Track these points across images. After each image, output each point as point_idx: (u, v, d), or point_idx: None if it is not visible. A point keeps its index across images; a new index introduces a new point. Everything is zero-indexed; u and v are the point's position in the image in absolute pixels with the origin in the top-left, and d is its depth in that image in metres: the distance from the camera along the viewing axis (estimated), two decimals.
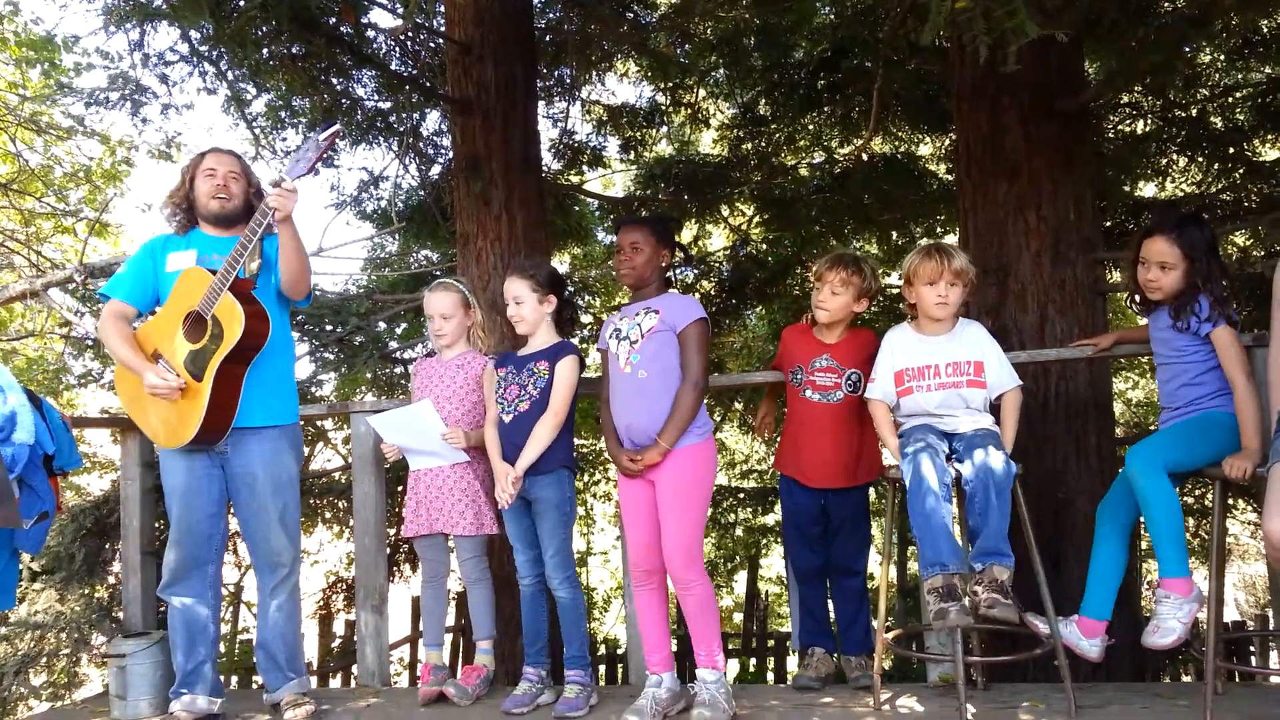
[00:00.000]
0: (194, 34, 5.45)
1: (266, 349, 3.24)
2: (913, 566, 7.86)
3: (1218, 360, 2.97)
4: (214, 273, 3.13)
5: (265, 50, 5.18)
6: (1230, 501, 6.70)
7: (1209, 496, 6.84)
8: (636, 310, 3.28)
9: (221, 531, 3.41)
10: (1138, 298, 3.26)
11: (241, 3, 4.65)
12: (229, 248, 3.20)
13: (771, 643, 8.09)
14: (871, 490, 3.74)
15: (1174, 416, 3.09)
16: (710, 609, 3.18)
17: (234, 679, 6.90)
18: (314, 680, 6.67)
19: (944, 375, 3.13)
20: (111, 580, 5.35)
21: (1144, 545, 7.91)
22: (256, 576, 3.45)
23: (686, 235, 8.95)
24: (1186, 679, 6.83)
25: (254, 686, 6.24)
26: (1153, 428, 8.91)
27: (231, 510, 3.54)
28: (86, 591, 5.33)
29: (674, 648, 7.45)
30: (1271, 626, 3.57)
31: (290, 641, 3.44)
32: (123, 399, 3.39)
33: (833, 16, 7.11)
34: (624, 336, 3.25)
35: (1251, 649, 6.73)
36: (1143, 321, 3.48)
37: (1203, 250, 3.01)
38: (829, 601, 3.59)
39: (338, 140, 3.04)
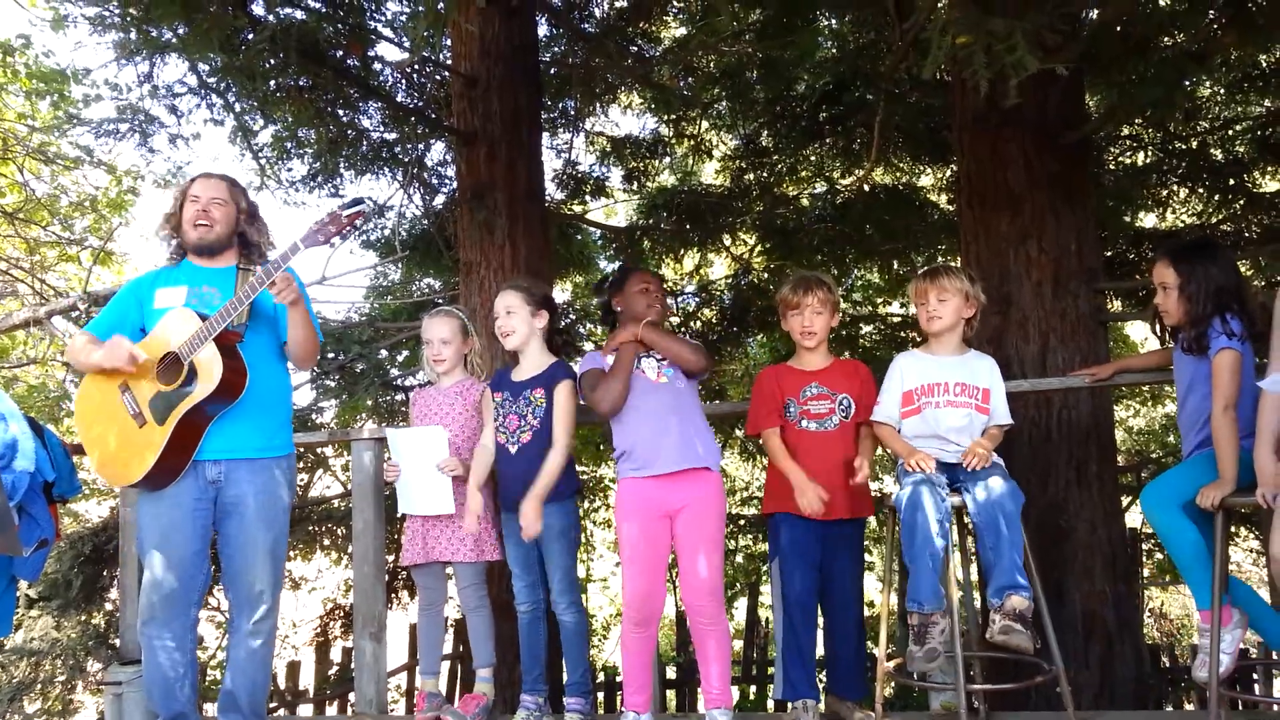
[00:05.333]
0: (203, 66, 5.51)
1: (263, 382, 3.12)
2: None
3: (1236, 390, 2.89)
4: (203, 318, 2.98)
5: (273, 82, 5.24)
6: (1232, 529, 6.67)
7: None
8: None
9: (206, 572, 3.16)
10: (1158, 326, 3.26)
11: (250, 36, 4.71)
12: (217, 279, 3.11)
13: (771, 670, 8.01)
14: (872, 518, 3.65)
15: (1191, 449, 3.07)
16: (728, 646, 3.17)
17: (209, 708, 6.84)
18: (310, 708, 6.62)
19: (953, 393, 3.13)
20: (109, 607, 5.34)
21: (1145, 574, 7.90)
22: (232, 613, 3.19)
23: (688, 264, 9.01)
24: (1189, 707, 6.77)
25: None
26: (1154, 455, 8.92)
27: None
28: (83, 618, 5.32)
29: (672, 675, 7.38)
30: (1275, 655, 3.55)
31: (258, 684, 3.19)
32: (80, 426, 3.21)
33: (835, 50, 7.19)
34: (645, 353, 3.29)
35: (1255, 677, 6.67)
36: (1145, 349, 3.49)
37: (1205, 274, 2.98)
38: (813, 640, 3.37)
39: (359, 220, 2.92)
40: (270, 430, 3.19)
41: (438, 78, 6.90)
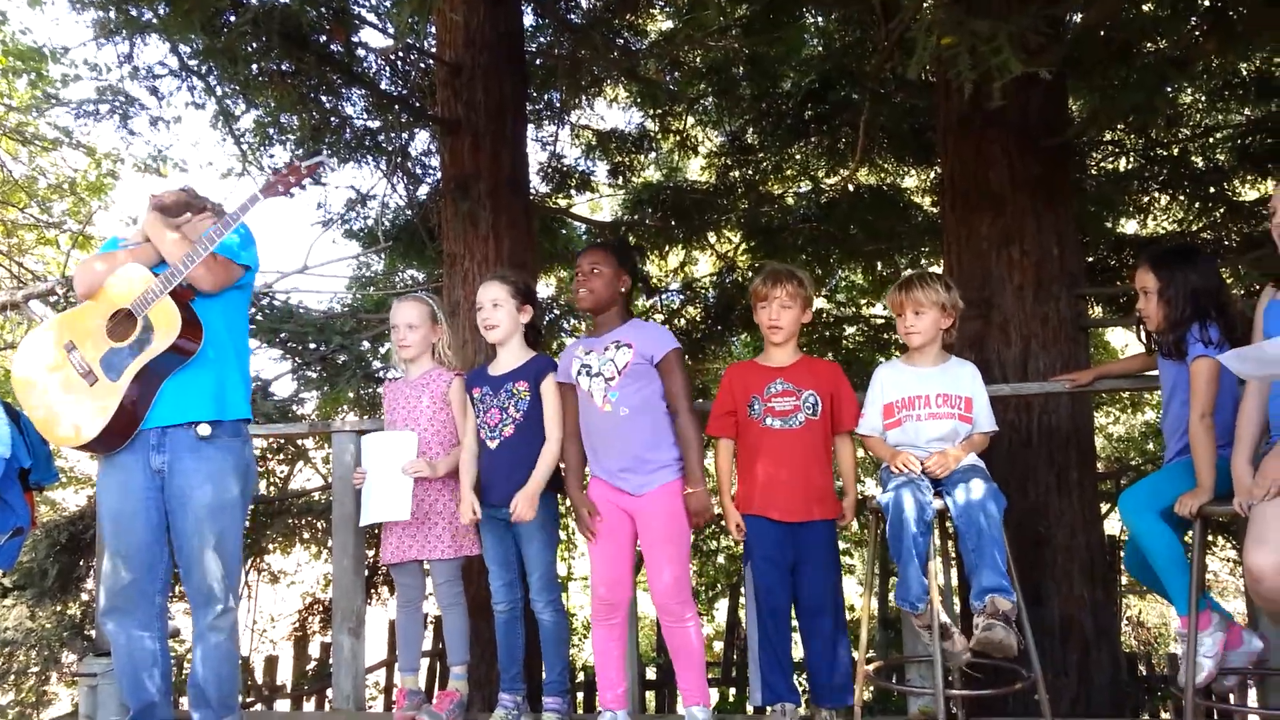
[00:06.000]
0: (184, 48, 5.45)
1: (212, 353, 3.01)
2: (893, 599, 7.86)
3: (1219, 397, 2.90)
4: (157, 276, 2.91)
5: (255, 66, 5.19)
6: (1210, 538, 6.73)
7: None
8: (605, 344, 3.19)
9: (166, 560, 3.03)
10: (1142, 331, 3.28)
11: (232, 18, 4.65)
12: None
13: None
14: (856, 522, 3.60)
15: (1172, 455, 3.09)
16: (699, 643, 3.15)
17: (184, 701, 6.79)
18: (288, 703, 6.58)
19: (934, 405, 3.13)
20: (84, 597, 5.28)
21: (1123, 581, 7.96)
22: (191, 609, 3.08)
23: (673, 261, 8.99)
24: (1165, 716, 6.83)
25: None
26: (1134, 463, 8.99)
27: None
28: (59, 609, 5.26)
29: (652, 676, 7.39)
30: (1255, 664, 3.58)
31: (225, 677, 3.08)
32: (21, 388, 3.05)
33: (821, 48, 7.19)
34: (596, 373, 3.16)
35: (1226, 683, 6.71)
36: (1125, 356, 3.50)
37: (1184, 280, 3.00)
38: (787, 645, 3.31)
39: (317, 171, 2.86)
40: (218, 394, 3.02)
41: (422, 65, 6.85)
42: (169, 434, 2.95)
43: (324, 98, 6.34)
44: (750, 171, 7.91)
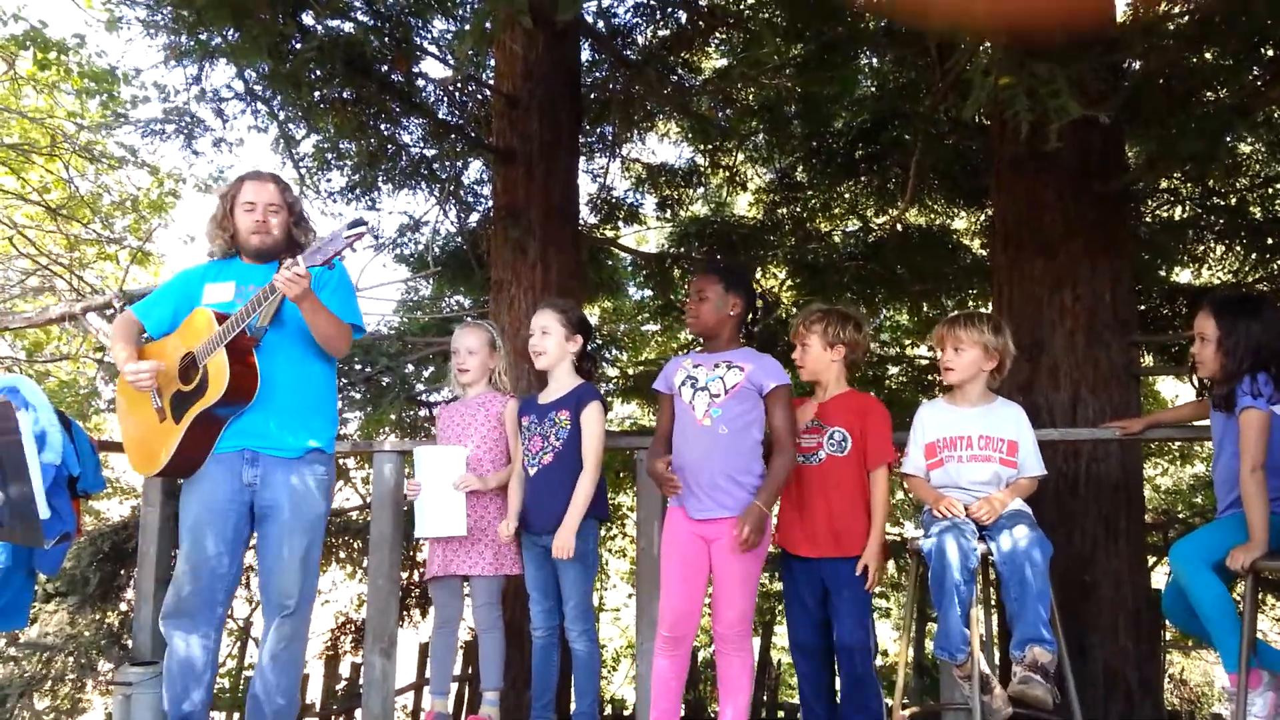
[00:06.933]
0: (250, 73, 5.60)
1: (290, 381, 3.14)
2: (929, 644, 7.70)
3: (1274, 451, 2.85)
4: (222, 320, 3.00)
5: (318, 93, 5.30)
6: (1259, 595, 6.53)
7: None
8: (715, 361, 3.16)
9: (235, 571, 3.17)
10: (1194, 378, 3.22)
11: (298, 45, 4.77)
12: (263, 278, 3.09)
13: (781, 714, 7.92)
14: (892, 565, 3.53)
15: (1224, 508, 3.02)
16: (750, 679, 3.11)
17: (236, 717, 6.83)
18: None
19: (976, 448, 3.08)
20: (124, 607, 5.34)
21: (1167, 636, 7.74)
22: (264, 617, 3.19)
23: None
24: None
25: None
26: (1181, 515, 8.77)
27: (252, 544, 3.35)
28: (98, 617, 5.33)
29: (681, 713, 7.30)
30: None
31: (286, 692, 3.16)
32: (119, 412, 3.35)
33: (874, 89, 7.19)
34: (701, 387, 3.13)
35: None
36: (1176, 404, 3.43)
37: (1246, 331, 2.93)
38: (826, 681, 3.26)
39: (359, 240, 2.91)
40: (296, 427, 3.15)
41: (479, 96, 6.96)
42: (261, 453, 3.11)
43: (383, 125, 6.45)
44: (798, 209, 7.90)
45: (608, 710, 7.81)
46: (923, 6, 4.26)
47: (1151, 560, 6.01)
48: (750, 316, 3.27)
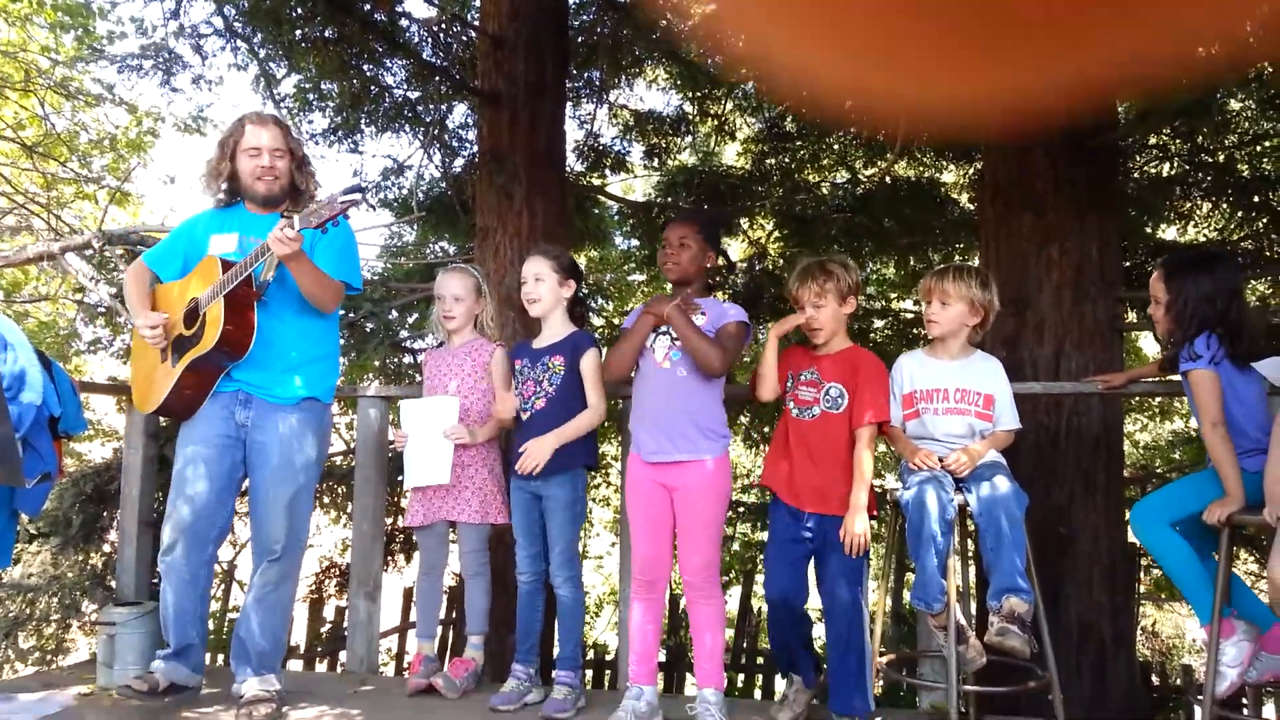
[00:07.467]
0: (230, 9, 5.47)
1: (289, 332, 3.18)
2: (907, 594, 7.82)
3: (1243, 407, 2.88)
4: (227, 269, 3.02)
5: (299, 31, 5.20)
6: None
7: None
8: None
9: (228, 511, 3.21)
10: (1160, 338, 3.24)
11: None
12: (266, 227, 3.07)
13: (761, 660, 8.04)
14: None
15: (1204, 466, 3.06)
16: (721, 624, 3.14)
17: (220, 657, 6.89)
18: (300, 664, 6.65)
19: (952, 400, 3.10)
20: (107, 548, 5.35)
21: (1141, 589, 7.88)
22: (253, 560, 3.23)
23: None
24: None
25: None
26: (1159, 470, 8.88)
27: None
28: (81, 558, 5.33)
29: (662, 658, 7.39)
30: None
31: (270, 635, 3.19)
32: (133, 347, 3.47)
33: None
34: (663, 331, 3.17)
35: (1244, 701, 6.64)
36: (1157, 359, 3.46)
37: (1195, 292, 2.94)
38: (799, 633, 3.19)
39: (355, 207, 2.89)
40: (293, 375, 3.20)
41: (464, 37, 6.83)
42: (255, 396, 3.17)
43: (365, 66, 6.34)
44: (787, 159, 7.84)
45: (590, 655, 7.91)
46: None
47: (1128, 514, 6.09)
48: (720, 266, 3.27)
